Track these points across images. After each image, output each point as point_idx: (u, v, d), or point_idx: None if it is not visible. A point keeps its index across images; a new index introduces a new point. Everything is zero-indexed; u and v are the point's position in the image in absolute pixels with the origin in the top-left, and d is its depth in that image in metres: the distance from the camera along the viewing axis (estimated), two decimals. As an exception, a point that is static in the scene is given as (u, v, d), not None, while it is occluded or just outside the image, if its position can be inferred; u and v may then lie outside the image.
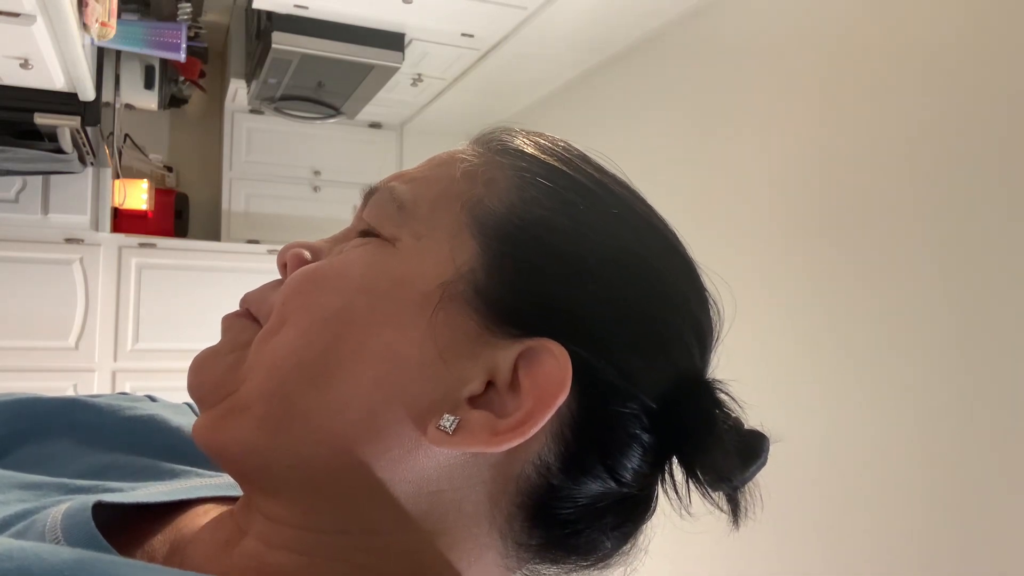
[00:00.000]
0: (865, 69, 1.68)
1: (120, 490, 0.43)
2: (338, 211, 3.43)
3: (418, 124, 3.49)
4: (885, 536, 1.54)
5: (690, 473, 0.37)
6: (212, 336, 0.39)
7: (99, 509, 0.37)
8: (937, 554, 1.45)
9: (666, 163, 2.30)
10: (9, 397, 0.50)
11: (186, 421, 0.51)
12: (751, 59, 2.02)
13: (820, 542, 1.68)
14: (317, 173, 3.43)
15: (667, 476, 0.38)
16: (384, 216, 0.39)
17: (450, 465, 0.35)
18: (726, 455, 0.35)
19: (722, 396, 0.38)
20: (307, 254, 0.41)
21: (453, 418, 0.34)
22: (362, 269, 0.37)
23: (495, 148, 0.41)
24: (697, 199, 2.15)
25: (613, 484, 0.36)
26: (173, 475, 0.46)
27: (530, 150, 0.41)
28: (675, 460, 0.38)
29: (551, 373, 0.34)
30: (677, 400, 0.36)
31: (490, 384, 0.35)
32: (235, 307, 0.44)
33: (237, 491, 0.43)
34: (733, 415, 0.37)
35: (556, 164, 0.40)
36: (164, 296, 2.96)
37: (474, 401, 0.35)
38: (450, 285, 0.36)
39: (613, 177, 0.42)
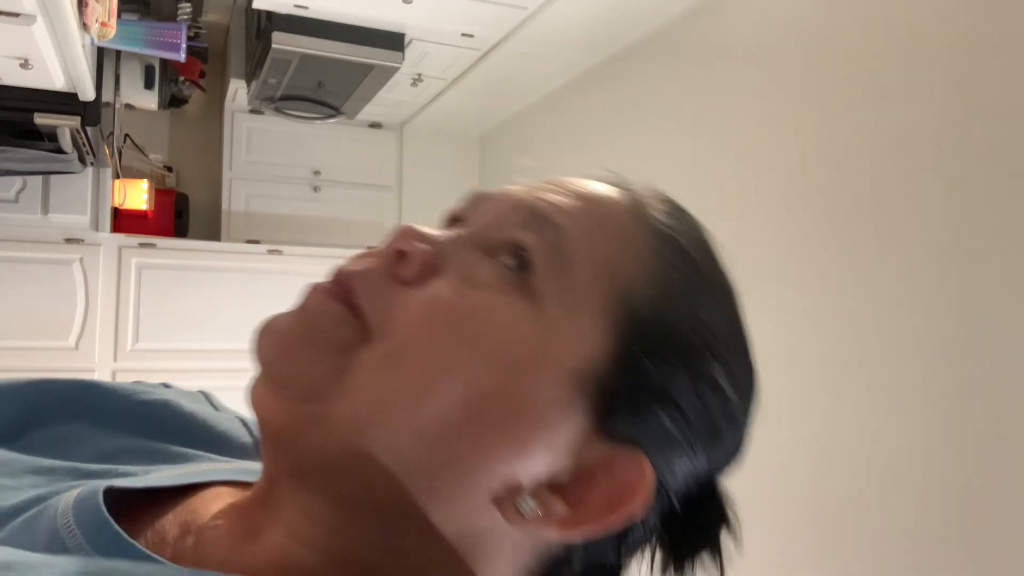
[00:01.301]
0: (865, 69, 1.68)
1: (132, 474, 0.42)
2: (338, 211, 3.44)
3: (418, 124, 3.49)
4: (886, 537, 1.54)
5: (677, 552, 0.40)
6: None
7: (110, 493, 0.37)
8: (936, 555, 1.45)
9: (666, 163, 2.30)
10: (26, 379, 0.50)
11: (199, 408, 0.51)
12: (751, 58, 2.02)
13: (816, 544, 1.68)
14: (317, 173, 3.43)
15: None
16: (544, 257, 0.36)
17: (503, 527, 0.36)
18: (716, 550, 0.39)
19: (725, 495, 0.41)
20: (429, 250, 0.38)
21: (535, 504, 0.35)
22: (507, 339, 0.35)
23: (650, 222, 0.39)
24: (697, 199, 2.15)
25: (615, 559, 0.39)
26: (185, 459, 0.46)
27: (683, 242, 0.39)
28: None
29: (633, 484, 0.35)
30: (700, 501, 0.39)
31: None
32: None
33: (248, 476, 0.43)
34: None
35: (701, 276, 0.39)
36: (164, 296, 2.96)
37: (551, 486, 0.36)
38: (581, 376, 0.35)
39: (731, 286, 0.41)
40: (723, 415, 0.38)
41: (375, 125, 3.54)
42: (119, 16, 1.97)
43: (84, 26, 1.76)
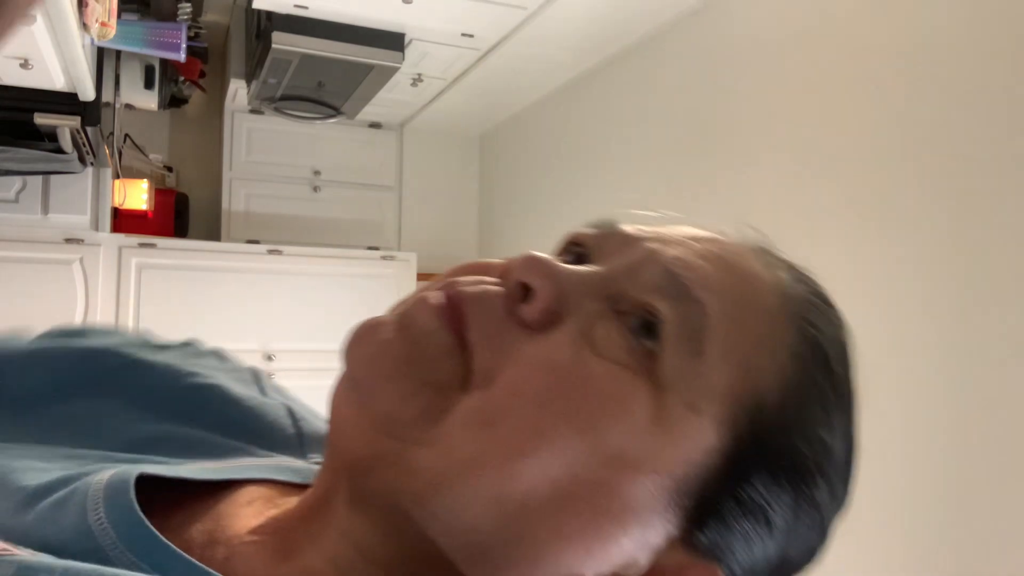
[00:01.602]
0: (866, 69, 1.68)
1: (167, 463, 0.39)
2: (338, 211, 3.44)
3: (418, 124, 3.49)
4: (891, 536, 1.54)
5: None
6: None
7: (142, 481, 0.35)
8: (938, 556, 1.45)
9: (666, 163, 2.30)
10: (64, 346, 0.47)
11: (247, 394, 0.47)
12: (752, 58, 2.02)
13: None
14: (317, 173, 3.43)
15: None
16: (677, 336, 0.32)
17: None
18: None
19: None
20: (556, 292, 0.33)
21: None
22: (621, 431, 0.31)
23: (799, 321, 0.35)
24: (697, 200, 2.15)
25: None
26: (226, 452, 0.43)
27: (829, 353, 0.35)
28: None
29: None
30: None
31: None
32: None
33: (286, 475, 0.41)
34: None
35: (837, 394, 0.35)
36: (164, 296, 2.96)
37: None
38: (686, 485, 0.32)
39: (858, 401, 0.38)
40: (815, 530, 0.35)
41: (375, 125, 3.54)
42: (119, 16, 1.97)
43: (84, 26, 1.76)
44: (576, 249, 0.38)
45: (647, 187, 2.31)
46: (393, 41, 2.49)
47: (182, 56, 2.16)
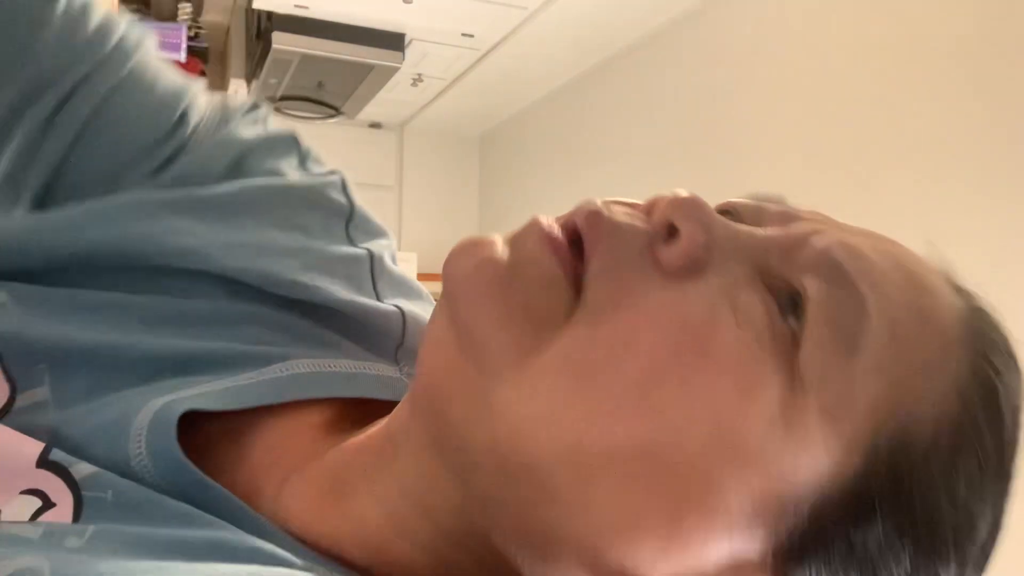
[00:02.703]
0: (867, 70, 1.68)
1: (206, 380, 0.34)
2: (338, 211, 3.43)
3: (418, 124, 3.49)
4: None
5: None
6: None
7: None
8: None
9: (666, 163, 2.30)
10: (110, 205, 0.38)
11: (359, 295, 0.40)
12: (752, 59, 2.02)
13: None
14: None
15: None
16: (823, 324, 0.27)
17: None
18: None
19: None
20: (705, 242, 0.28)
21: None
22: (739, 417, 0.26)
23: (978, 356, 0.28)
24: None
25: None
26: (312, 344, 0.38)
27: (1002, 401, 0.28)
28: None
29: None
30: None
31: None
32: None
33: (368, 388, 0.36)
34: None
35: (1000, 455, 0.28)
36: (164, 296, 2.96)
37: None
38: (793, 505, 0.26)
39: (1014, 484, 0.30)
40: None
41: (375, 125, 3.54)
42: (119, 16, 1.97)
43: (84, 26, 1.76)
44: (728, 217, 0.31)
45: (648, 187, 2.29)
46: (393, 41, 2.49)
47: (182, 56, 2.17)
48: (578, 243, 0.29)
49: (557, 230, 0.29)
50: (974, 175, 1.44)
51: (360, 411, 0.36)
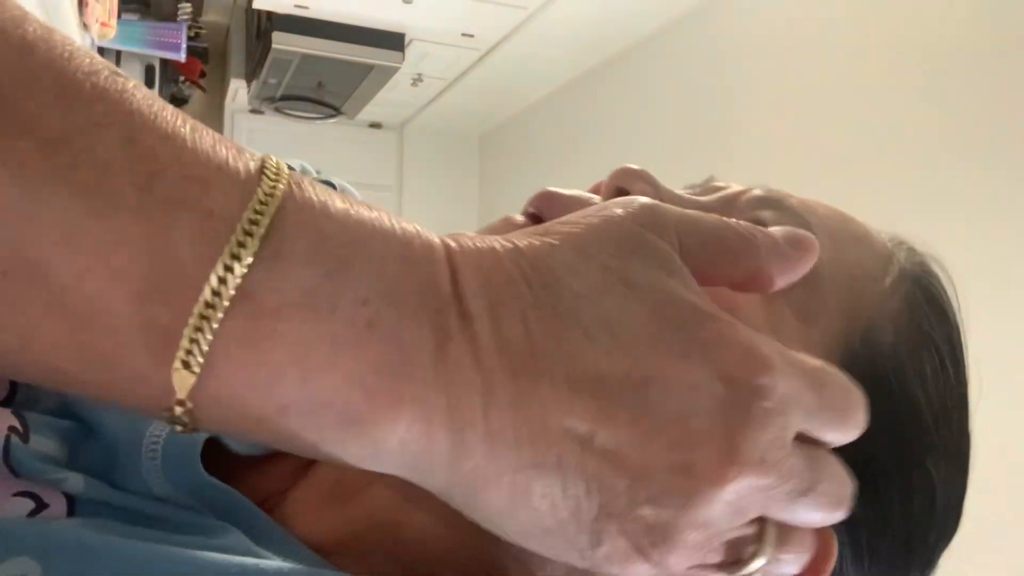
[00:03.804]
0: (867, 69, 1.68)
1: None
2: (338, 211, 3.43)
3: (418, 124, 3.49)
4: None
5: None
6: None
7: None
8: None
9: (667, 164, 2.30)
10: None
11: None
12: (752, 59, 2.02)
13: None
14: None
15: None
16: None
17: None
18: None
19: None
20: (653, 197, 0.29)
21: None
22: None
23: (909, 264, 0.34)
24: (697, 199, 2.15)
25: None
26: None
27: (939, 298, 0.34)
28: None
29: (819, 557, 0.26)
30: None
31: None
32: None
33: None
34: None
35: (950, 344, 0.33)
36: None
37: None
38: None
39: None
40: (926, 507, 0.31)
41: (375, 125, 3.54)
42: (119, 16, 1.97)
43: (84, 26, 1.76)
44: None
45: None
46: (393, 41, 2.49)
47: (182, 56, 2.17)
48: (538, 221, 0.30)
49: (520, 217, 0.32)
50: (974, 176, 1.44)
51: None
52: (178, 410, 0.20)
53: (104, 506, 0.28)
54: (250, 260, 0.19)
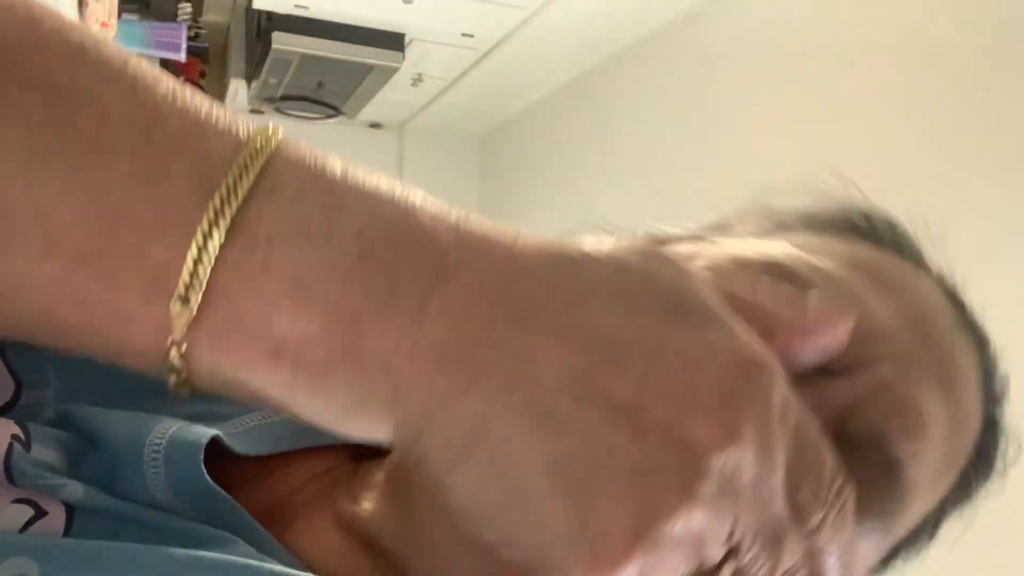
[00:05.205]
0: (865, 72, 1.68)
1: (229, 417, 0.33)
2: (338, 211, 3.43)
3: (418, 124, 3.49)
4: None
5: None
6: None
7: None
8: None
9: (667, 164, 2.30)
10: None
11: None
12: (752, 60, 2.02)
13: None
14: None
15: None
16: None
17: None
18: None
19: None
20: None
21: None
22: None
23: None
24: (697, 201, 2.15)
25: None
26: None
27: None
28: None
29: None
30: None
31: None
32: None
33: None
34: None
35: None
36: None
37: None
38: None
39: None
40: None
41: (375, 125, 3.54)
42: (119, 16, 1.97)
43: (84, 26, 1.76)
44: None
45: (648, 187, 2.31)
46: (393, 41, 2.49)
47: (182, 56, 2.17)
48: None
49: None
50: (974, 176, 1.44)
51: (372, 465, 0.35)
52: (173, 354, 0.20)
53: (103, 514, 0.27)
54: (245, 194, 0.20)
